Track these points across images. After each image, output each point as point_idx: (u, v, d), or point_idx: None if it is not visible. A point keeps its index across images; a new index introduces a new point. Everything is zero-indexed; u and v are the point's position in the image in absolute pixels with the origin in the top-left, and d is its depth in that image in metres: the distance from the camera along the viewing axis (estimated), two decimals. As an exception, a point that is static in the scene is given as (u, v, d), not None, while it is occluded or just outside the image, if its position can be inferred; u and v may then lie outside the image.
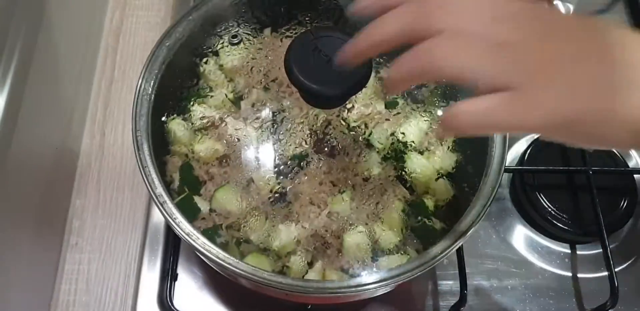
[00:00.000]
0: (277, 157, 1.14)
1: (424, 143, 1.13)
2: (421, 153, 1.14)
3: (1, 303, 0.90)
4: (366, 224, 1.06)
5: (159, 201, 0.90)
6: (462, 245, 0.94)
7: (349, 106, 1.16)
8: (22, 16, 0.96)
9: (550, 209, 1.17)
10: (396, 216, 1.05)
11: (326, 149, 1.19)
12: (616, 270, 1.09)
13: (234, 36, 1.16)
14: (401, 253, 1.03)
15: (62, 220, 1.12)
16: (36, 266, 1.03)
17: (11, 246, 0.93)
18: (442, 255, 0.89)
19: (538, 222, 1.19)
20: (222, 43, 1.16)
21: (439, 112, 1.16)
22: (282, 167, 1.16)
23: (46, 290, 1.05)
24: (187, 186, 1.06)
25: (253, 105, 1.17)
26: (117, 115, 1.23)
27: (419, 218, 1.08)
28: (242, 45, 1.17)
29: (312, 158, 1.16)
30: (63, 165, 1.14)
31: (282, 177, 1.14)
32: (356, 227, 1.04)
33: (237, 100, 1.17)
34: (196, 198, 1.04)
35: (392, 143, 1.12)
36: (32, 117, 0.98)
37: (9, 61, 0.92)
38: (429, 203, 1.09)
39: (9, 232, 0.92)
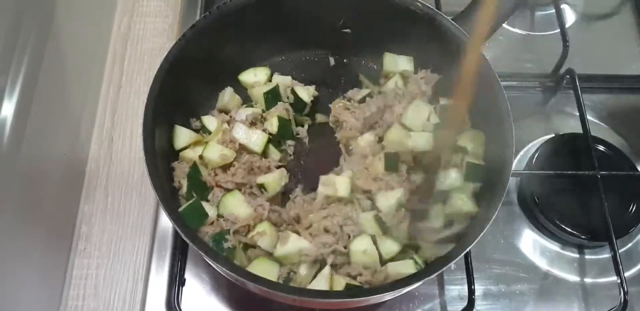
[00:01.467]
0: (286, 162, 1.15)
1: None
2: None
3: (11, 308, 0.91)
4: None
5: (166, 207, 0.91)
6: (470, 250, 0.93)
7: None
8: (31, 23, 0.97)
9: (558, 213, 1.16)
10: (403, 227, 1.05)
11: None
12: (626, 274, 1.08)
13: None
14: (409, 258, 1.03)
15: (70, 225, 1.12)
16: (45, 272, 1.03)
17: (21, 252, 0.94)
18: (450, 262, 0.89)
19: (546, 227, 1.18)
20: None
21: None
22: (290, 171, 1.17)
23: (55, 295, 1.06)
24: (195, 191, 1.06)
25: (263, 111, 1.17)
26: (125, 121, 1.23)
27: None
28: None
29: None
30: (71, 171, 1.15)
31: (291, 182, 1.15)
32: (362, 235, 1.04)
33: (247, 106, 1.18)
34: (204, 204, 1.05)
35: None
36: (41, 123, 0.99)
37: (18, 68, 0.93)
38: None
39: (18, 237, 0.93)
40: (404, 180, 1.07)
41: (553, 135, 1.28)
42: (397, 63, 1.19)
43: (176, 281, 1.08)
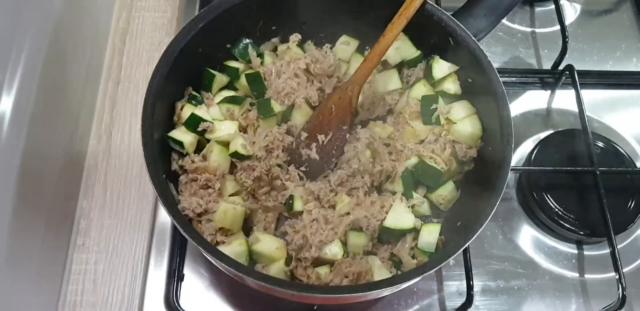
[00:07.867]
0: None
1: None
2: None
3: (10, 302, 0.91)
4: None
5: (165, 202, 0.91)
6: (468, 245, 0.93)
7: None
8: (30, 18, 0.97)
9: (557, 209, 1.16)
10: None
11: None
12: (624, 270, 1.09)
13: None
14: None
15: (69, 220, 1.12)
16: (44, 267, 1.03)
17: (20, 247, 0.93)
18: (449, 257, 0.89)
19: (545, 222, 1.19)
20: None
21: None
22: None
23: (53, 290, 1.06)
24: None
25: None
26: (124, 116, 1.23)
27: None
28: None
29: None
30: (70, 167, 1.14)
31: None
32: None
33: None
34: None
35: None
36: (40, 118, 0.99)
37: (17, 62, 0.93)
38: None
39: (17, 232, 0.92)
40: None
41: (552, 131, 1.28)
42: None
43: (175, 276, 1.08)
